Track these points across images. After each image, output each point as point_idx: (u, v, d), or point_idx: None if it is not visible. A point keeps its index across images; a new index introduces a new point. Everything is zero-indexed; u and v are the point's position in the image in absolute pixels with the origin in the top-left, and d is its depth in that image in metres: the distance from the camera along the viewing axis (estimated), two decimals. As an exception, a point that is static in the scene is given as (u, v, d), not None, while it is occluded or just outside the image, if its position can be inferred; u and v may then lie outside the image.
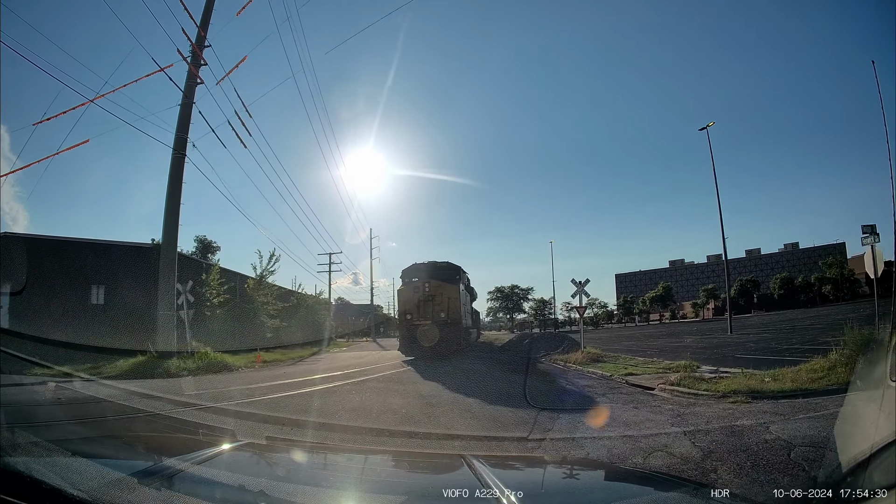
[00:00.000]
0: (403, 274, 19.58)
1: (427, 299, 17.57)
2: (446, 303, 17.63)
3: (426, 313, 17.45)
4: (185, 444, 2.55)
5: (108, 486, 1.28)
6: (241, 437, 2.91)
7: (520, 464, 2.70)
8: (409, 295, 18.12)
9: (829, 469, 1.97)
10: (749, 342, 17.32)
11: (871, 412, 1.90)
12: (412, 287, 18.10)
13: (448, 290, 18.04)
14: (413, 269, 19.37)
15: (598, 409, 6.83)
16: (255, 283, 24.95)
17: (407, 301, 18.08)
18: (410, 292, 18.08)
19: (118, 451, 1.96)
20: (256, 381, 11.16)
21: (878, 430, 1.67)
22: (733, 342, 18.02)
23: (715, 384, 7.33)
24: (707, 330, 31.00)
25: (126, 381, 10.35)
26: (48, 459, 1.45)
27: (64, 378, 10.23)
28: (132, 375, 11.18)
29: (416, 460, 2.86)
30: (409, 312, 17.75)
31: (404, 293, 18.42)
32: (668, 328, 43.77)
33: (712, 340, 20.00)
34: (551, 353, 16.93)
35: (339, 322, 52.27)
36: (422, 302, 17.60)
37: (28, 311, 17.03)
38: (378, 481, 2.03)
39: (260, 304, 24.25)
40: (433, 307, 17.44)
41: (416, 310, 17.69)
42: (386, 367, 14.40)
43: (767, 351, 13.03)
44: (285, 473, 1.94)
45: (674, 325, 54.69)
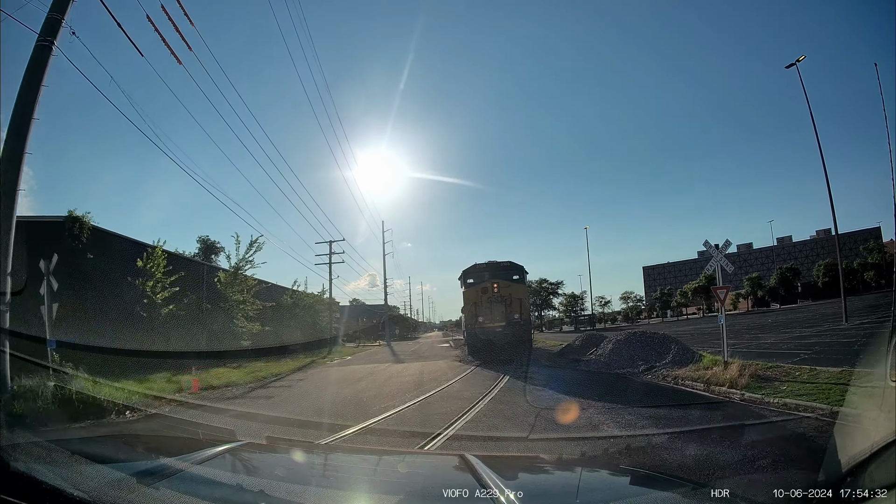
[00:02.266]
0: (464, 275, 18.79)
1: (497, 300, 16.76)
2: (518, 303, 16.91)
3: (498, 315, 16.60)
4: (185, 444, 2.54)
5: (108, 486, 1.28)
6: (240, 436, 2.91)
7: (520, 464, 2.70)
8: (476, 296, 17.20)
9: (829, 469, 1.97)
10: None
11: (872, 412, 1.90)
12: (479, 288, 17.26)
13: (517, 289, 17.40)
14: (475, 269, 18.51)
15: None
16: (228, 276, 19.61)
17: (476, 303, 17.07)
18: (478, 293, 17.18)
19: (118, 451, 1.96)
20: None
21: (878, 429, 1.67)
22: (866, 332, 14.29)
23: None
24: (803, 321, 24.36)
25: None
26: (48, 459, 1.44)
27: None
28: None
29: (417, 460, 2.86)
30: (479, 314, 16.79)
31: (471, 295, 17.46)
32: (737, 320, 33.90)
33: (847, 332, 15.71)
34: (652, 364, 11.46)
35: (349, 324, 49.22)
36: (492, 303, 16.74)
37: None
38: (378, 481, 2.03)
39: (234, 303, 19.33)
40: (505, 308, 16.64)
41: (487, 312, 16.73)
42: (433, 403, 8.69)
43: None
44: (285, 473, 1.94)
45: (728, 318, 45.19)
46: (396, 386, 11.67)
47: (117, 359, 12.02)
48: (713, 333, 18.11)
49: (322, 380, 14.65)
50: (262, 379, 14.17)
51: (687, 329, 29.95)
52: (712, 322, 37.99)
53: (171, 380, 11.32)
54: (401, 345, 40.67)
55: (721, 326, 10.46)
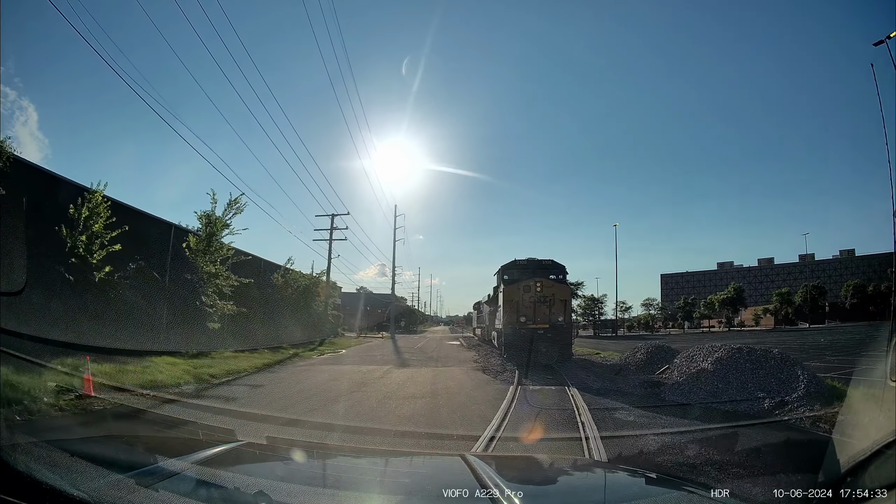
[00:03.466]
0: (503, 271, 17.63)
1: (541, 300, 15.58)
2: (562, 305, 15.89)
3: (541, 316, 15.48)
4: (185, 444, 2.54)
5: (108, 486, 1.28)
6: (240, 436, 2.91)
7: (520, 464, 2.70)
8: (518, 295, 15.94)
9: (829, 469, 1.97)
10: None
11: (871, 412, 1.90)
12: (521, 286, 16.04)
13: (561, 290, 16.34)
14: (515, 266, 17.33)
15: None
16: (199, 241, 15.51)
17: (519, 302, 15.86)
18: (520, 292, 15.94)
19: (118, 452, 1.96)
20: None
21: (878, 429, 1.67)
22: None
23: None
24: (867, 340, 19.36)
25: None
26: (48, 459, 1.45)
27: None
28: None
29: (417, 460, 2.86)
30: (523, 315, 15.60)
31: (513, 293, 16.12)
32: (786, 337, 30.54)
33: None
34: (781, 398, 7.98)
35: (352, 312, 46.02)
36: (535, 303, 15.58)
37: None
38: (378, 481, 2.03)
39: (205, 275, 15.46)
40: (549, 309, 15.55)
41: (530, 312, 15.62)
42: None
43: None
44: (285, 473, 1.94)
45: (756, 334, 40.47)
46: (394, 421, 6.97)
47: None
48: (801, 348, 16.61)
49: (287, 390, 9.85)
50: (205, 380, 10.06)
51: (746, 341, 19.35)
52: (744, 335, 34.39)
53: (74, 370, 7.78)
54: (406, 339, 36.31)
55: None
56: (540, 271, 16.76)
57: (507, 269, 17.41)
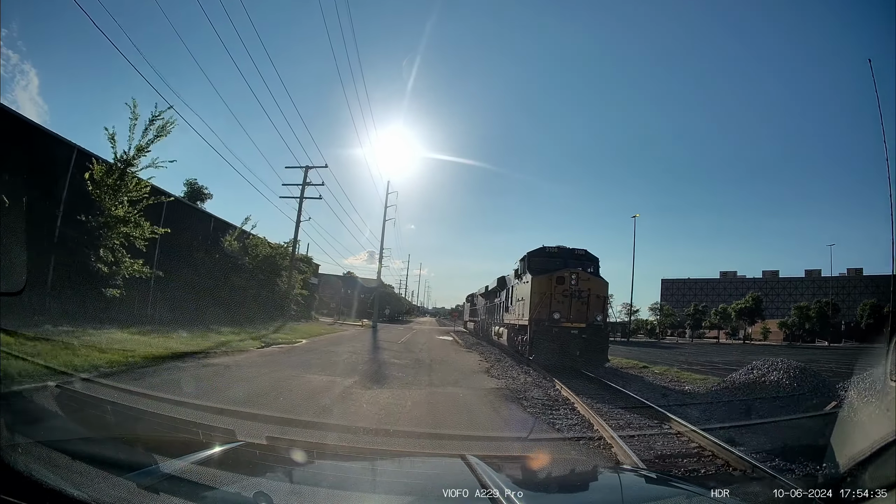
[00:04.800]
0: (529, 259, 14.94)
1: (576, 295, 13.36)
2: (599, 303, 13.85)
3: (576, 314, 13.28)
4: (185, 444, 2.54)
5: (108, 486, 1.28)
6: (240, 436, 2.91)
7: (520, 464, 2.70)
8: (549, 287, 13.50)
9: (829, 469, 1.97)
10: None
11: (871, 412, 1.90)
12: (555, 277, 13.61)
13: (598, 285, 14.05)
14: (544, 254, 14.86)
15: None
16: (107, 174, 11.77)
17: (551, 295, 13.44)
18: (552, 284, 13.51)
19: (118, 452, 1.96)
20: None
21: (878, 429, 1.67)
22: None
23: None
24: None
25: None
26: (48, 460, 1.45)
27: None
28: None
29: (417, 460, 2.86)
30: (556, 310, 13.25)
31: (543, 284, 13.62)
32: (828, 355, 27.64)
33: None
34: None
35: (332, 295, 43.66)
36: (570, 298, 13.38)
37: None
38: (378, 481, 2.03)
39: (112, 219, 11.72)
40: (586, 307, 13.41)
41: (565, 308, 13.31)
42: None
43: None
44: (285, 474, 1.94)
45: (783, 350, 35.79)
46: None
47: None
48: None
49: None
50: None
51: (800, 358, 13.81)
52: (774, 351, 29.44)
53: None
54: (390, 330, 31.10)
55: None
56: (573, 261, 14.43)
57: (534, 257, 14.90)
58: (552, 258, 14.60)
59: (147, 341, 10.19)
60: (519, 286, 15.51)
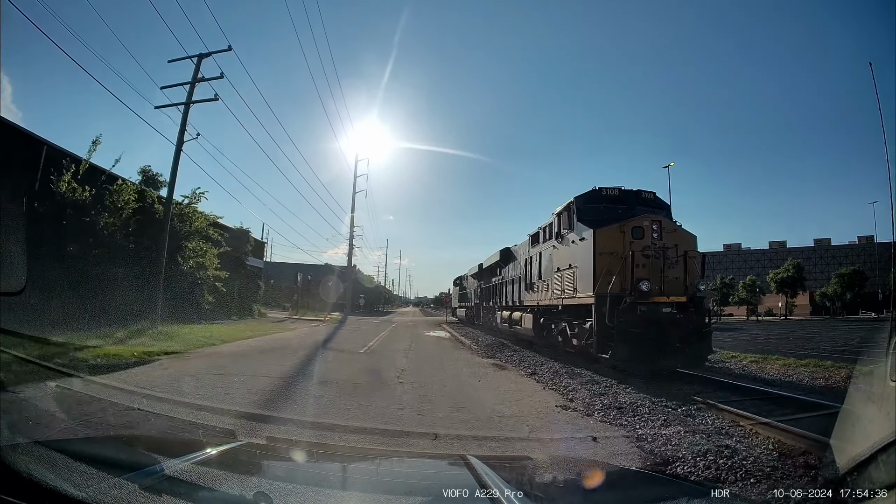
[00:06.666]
0: (577, 204, 10.01)
1: (659, 255, 8.65)
2: (696, 266, 9.14)
3: (671, 283, 8.65)
4: (186, 444, 2.54)
5: (108, 486, 1.28)
6: (240, 436, 2.91)
7: (520, 464, 2.70)
8: (620, 243, 8.73)
9: (829, 469, 1.97)
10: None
11: (871, 412, 1.90)
12: (630, 228, 8.78)
13: (685, 239, 9.14)
14: (599, 198, 10.05)
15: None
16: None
17: (630, 256, 8.54)
18: (624, 238, 8.73)
19: (118, 452, 1.96)
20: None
21: (878, 429, 1.67)
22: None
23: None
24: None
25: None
26: (48, 460, 1.45)
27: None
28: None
29: (417, 460, 2.86)
30: (642, 278, 8.40)
31: (613, 239, 8.80)
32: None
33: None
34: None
35: (292, 284, 38.85)
36: (657, 260, 8.65)
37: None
38: (378, 481, 2.03)
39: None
40: (674, 271, 8.73)
41: (654, 274, 8.58)
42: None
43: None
44: (285, 473, 1.94)
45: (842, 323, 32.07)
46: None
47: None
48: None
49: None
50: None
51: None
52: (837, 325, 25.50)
53: None
54: (360, 325, 23.57)
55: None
56: (642, 209, 9.70)
57: (586, 202, 10.04)
58: (614, 204, 9.97)
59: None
60: (559, 249, 10.77)
